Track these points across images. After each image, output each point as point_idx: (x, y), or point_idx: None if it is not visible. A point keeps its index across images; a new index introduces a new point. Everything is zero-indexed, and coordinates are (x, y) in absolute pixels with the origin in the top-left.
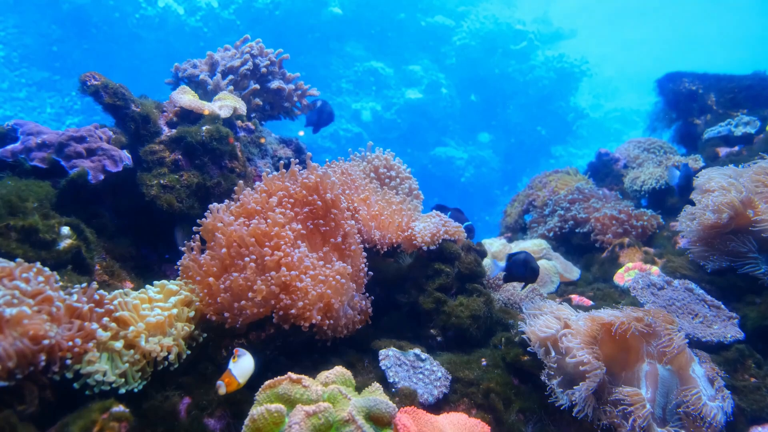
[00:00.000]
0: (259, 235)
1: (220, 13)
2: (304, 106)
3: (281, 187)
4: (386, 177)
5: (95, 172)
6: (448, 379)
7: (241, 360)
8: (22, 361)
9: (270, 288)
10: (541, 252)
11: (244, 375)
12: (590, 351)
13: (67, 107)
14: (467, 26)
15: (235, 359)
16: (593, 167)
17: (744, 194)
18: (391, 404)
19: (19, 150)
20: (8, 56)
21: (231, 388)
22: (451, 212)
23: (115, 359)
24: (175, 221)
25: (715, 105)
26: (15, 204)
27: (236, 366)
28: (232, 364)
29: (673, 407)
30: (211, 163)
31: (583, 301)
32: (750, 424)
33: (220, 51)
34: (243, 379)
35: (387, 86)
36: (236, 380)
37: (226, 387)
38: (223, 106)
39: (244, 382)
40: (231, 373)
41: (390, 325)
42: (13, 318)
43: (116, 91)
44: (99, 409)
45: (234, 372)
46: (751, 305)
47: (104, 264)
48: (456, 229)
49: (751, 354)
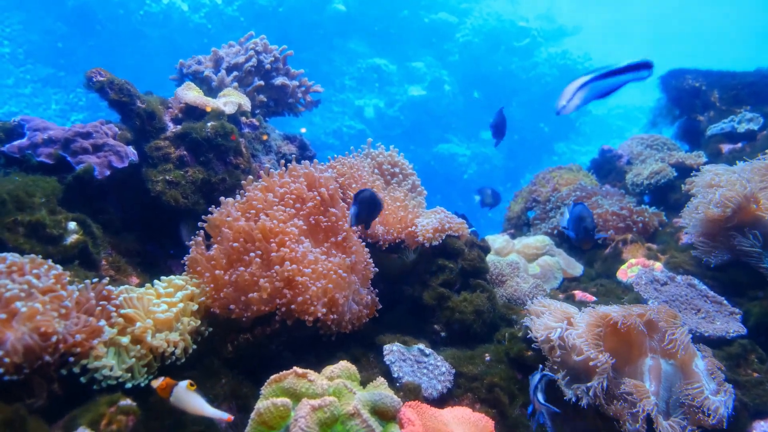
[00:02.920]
0: (264, 230)
1: (224, 9)
2: (308, 102)
3: (281, 184)
4: (390, 173)
5: (101, 168)
6: (452, 373)
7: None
8: (31, 356)
9: (274, 284)
10: (544, 248)
11: (181, 398)
12: (596, 347)
13: (72, 103)
14: (470, 23)
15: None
16: (596, 164)
17: (748, 189)
18: (395, 398)
19: (25, 146)
20: (14, 53)
21: (163, 385)
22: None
23: (122, 354)
24: (180, 217)
25: (718, 101)
26: (22, 199)
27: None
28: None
29: (676, 401)
30: (216, 159)
31: (587, 297)
32: (753, 418)
33: (225, 47)
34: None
35: (390, 83)
36: (173, 382)
37: (161, 383)
38: (228, 102)
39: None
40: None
41: (394, 321)
42: (24, 313)
43: (122, 87)
44: (107, 402)
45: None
46: (754, 300)
47: (110, 259)
48: (459, 225)
49: (753, 349)
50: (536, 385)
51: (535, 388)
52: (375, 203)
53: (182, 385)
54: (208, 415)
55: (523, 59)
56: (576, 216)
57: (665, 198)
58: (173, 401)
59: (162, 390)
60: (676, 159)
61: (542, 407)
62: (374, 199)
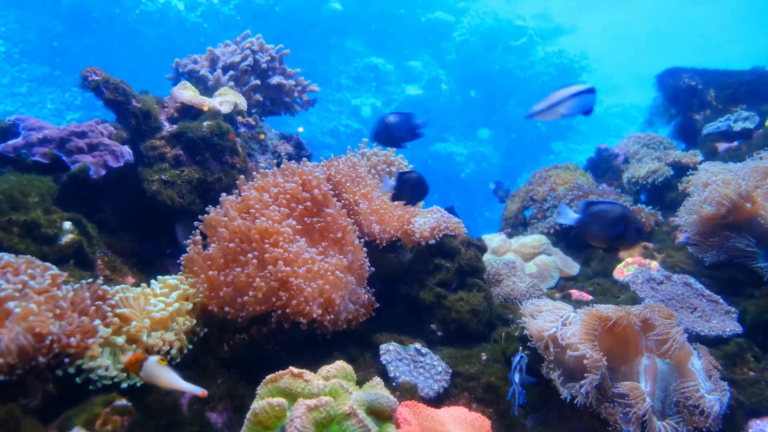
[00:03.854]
0: (259, 231)
1: (221, 8)
2: (305, 101)
3: (275, 184)
4: (386, 173)
5: (97, 168)
6: (449, 373)
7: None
8: (24, 356)
9: (270, 284)
10: (540, 247)
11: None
12: (591, 346)
13: (67, 103)
14: (467, 22)
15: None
16: (593, 162)
17: (743, 187)
18: (392, 398)
19: (20, 145)
20: (9, 51)
21: (132, 360)
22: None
23: (117, 354)
24: (176, 216)
25: (715, 100)
26: (17, 199)
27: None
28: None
29: (673, 400)
30: (212, 158)
31: (583, 296)
32: (749, 417)
33: (221, 47)
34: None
35: (387, 82)
36: (144, 355)
37: (130, 358)
38: (224, 101)
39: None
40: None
41: (391, 320)
42: (19, 314)
43: (117, 86)
44: (102, 402)
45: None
46: (750, 299)
47: (106, 259)
48: (456, 225)
49: (749, 347)
50: (515, 366)
51: (514, 369)
52: (420, 185)
53: (152, 360)
54: (181, 388)
55: (520, 58)
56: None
57: (662, 196)
58: (143, 376)
59: (131, 365)
60: (672, 158)
61: (516, 386)
62: (420, 181)
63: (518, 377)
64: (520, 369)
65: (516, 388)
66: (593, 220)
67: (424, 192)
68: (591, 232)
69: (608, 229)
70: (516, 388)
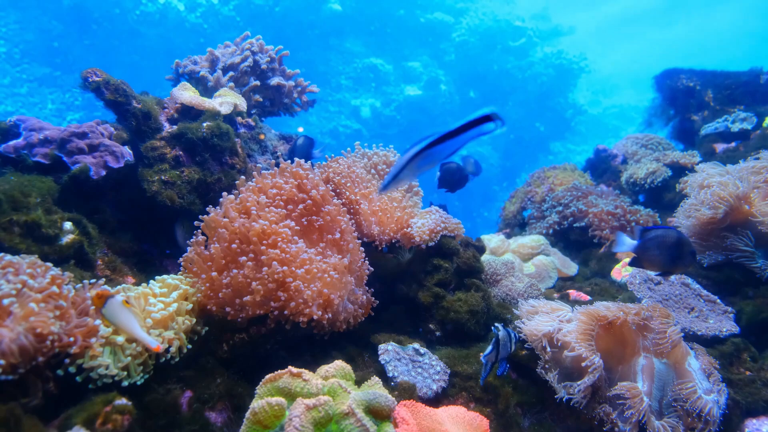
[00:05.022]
0: (258, 232)
1: (220, 9)
2: (304, 102)
3: (272, 185)
4: (386, 173)
5: (97, 168)
6: (447, 373)
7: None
8: (26, 356)
9: (267, 286)
10: (539, 248)
11: (114, 313)
12: (587, 345)
13: (68, 103)
14: (466, 23)
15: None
16: (591, 163)
17: (741, 189)
18: (390, 398)
19: (21, 146)
20: (9, 52)
21: (100, 293)
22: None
23: (117, 353)
24: (176, 217)
25: (713, 101)
26: (18, 199)
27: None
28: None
29: (670, 400)
30: (211, 159)
31: (581, 296)
32: (745, 416)
33: (221, 48)
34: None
35: (386, 83)
36: (109, 293)
37: (98, 292)
38: (224, 102)
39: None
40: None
41: (389, 320)
42: (20, 314)
43: (118, 87)
44: (102, 401)
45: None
46: (747, 299)
47: (106, 259)
48: (455, 226)
49: (746, 347)
50: (493, 342)
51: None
52: (460, 174)
53: (117, 299)
54: (136, 336)
55: (519, 59)
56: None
57: (660, 197)
58: (104, 313)
59: (97, 299)
60: (670, 158)
61: (485, 358)
62: (459, 170)
63: (489, 349)
64: (496, 343)
65: (490, 358)
66: (651, 246)
67: (464, 180)
68: (650, 258)
69: (666, 254)
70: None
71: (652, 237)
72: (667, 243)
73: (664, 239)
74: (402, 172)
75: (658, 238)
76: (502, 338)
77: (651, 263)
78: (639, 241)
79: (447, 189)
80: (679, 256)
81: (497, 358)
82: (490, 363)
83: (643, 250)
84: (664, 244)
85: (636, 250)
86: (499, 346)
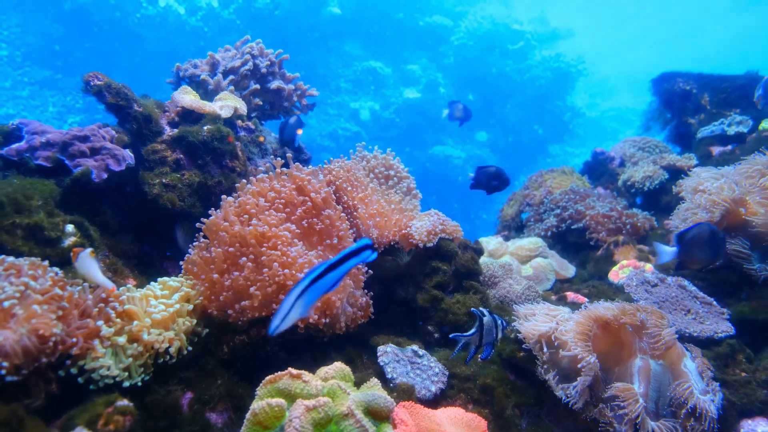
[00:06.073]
0: (258, 235)
1: (221, 12)
2: (304, 105)
3: (271, 188)
4: (384, 176)
5: (99, 171)
6: (446, 374)
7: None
8: (29, 357)
9: (266, 289)
10: (537, 250)
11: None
12: (584, 346)
13: (69, 106)
14: (465, 26)
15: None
16: (589, 166)
17: (737, 193)
18: (389, 399)
19: (23, 149)
20: (11, 55)
21: (75, 251)
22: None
23: (118, 354)
24: (176, 219)
25: (709, 104)
26: (20, 202)
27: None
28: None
29: (666, 401)
30: (212, 162)
31: (578, 299)
32: (740, 417)
33: (221, 51)
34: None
35: (385, 85)
36: (80, 249)
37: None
38: (224, 106)
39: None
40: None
41: (388, 322)
42: (22, 315)
43: (119, 90)
44: (104, 403)
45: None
46: (743, 301)
47: (107, 261)
48: (453, 228)
49: (741, 349)
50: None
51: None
52: (500, 176)
53: (86, 251)
54: (97, 281)
55: (518, 62)
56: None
57: (657, 200)
58: (77, 266)
59: (73, 255)
60: (667, 161)
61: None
62: (499, 173)
63: (472, 330)
64: (480, 326)
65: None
66: (692, 247)
67: (505, 182)
68: (694, 258)
69: (707, 250)
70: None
71: (690, 238)
72: (704, 238)
73: (700, 236)
74: (292, 310)
75: (694, 238)
76: (486, 323)
77: (696, 262)
78: (678, 246)
79: (485, 191)
80: (717, 247)
81: (481, 342)
82: (473, 346)
83: (685, 254)
84: (702, 241)
85: (678, 255)
86: (483, 329)
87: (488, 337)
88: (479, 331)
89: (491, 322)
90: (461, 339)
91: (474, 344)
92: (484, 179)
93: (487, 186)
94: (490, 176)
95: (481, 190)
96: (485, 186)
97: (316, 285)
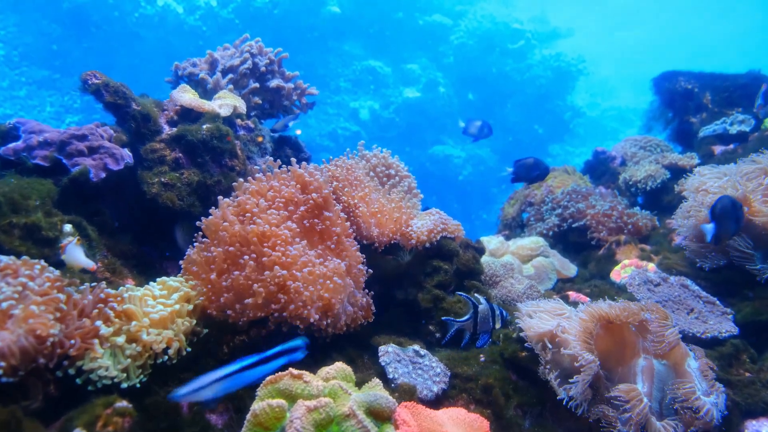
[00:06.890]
0: (258, 234)
1: (219, 12)
2: (303, 104)
3: (272, 187)
4: (385, 175)
5: (97, 171)
6: (447, 374)
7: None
8: (26, 358)
9: (269, 288)
10: (538, 249)
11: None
12: (585, 345)
13: (67, 106)
14: (465, 25)
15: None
16: (590, 165)
17: (740, 191)
18: (391, 399)
19: (21, 148)
20: (8, 55)
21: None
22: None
23: (117, 354)
24: (175, 219)
25: (711, 103)
26: (18, 202)
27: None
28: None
29: (670, 401)
30: (211, 161)
31: (580, 298)
32: (744, 417)
33: (220, 50)
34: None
35: (385, 85)
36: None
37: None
38: (223, 104)
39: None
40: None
41: (389, 322)
42: (20, 316)
43: (117, 89)
44: (103, 404)
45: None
46: (746, 300)
47: (106, 261)
48: (455, 227)
49: (745, 349)
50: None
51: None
52: (539, 166)
53: (73, 241)
54: (80, 264)
55: (518, 61)
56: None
57: (659, 199)
58: (66, 257)
59: (62, 248)
60: (669, 161)
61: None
62: (538, 163)
63: (466, 317)
64: (474, 313)
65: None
66: (722, 219)
67: (545, 171)
68: (725, 229)
69: (732, 218)
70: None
71: (719, 211)
72: (728, 209)
73: (725, 208)
74: (206, 387)
75: (722, 210)
76: (482, 311)
77: (726, 232)
78: (714, 222)
79: (526, 182)
80: (739, 215)
81: (476, 329)
82: (468, 332)
83: (719, 227)
84: (727, 212)
85: (715, 230)
86: (477, 317)
87: (484, 326)
88: (473, 318)
89: (487, 310)
90: (454, 324)
91: (468, 331)
92: (524, 172)
93: (527, 177)
94: (530, 167)
95: (522, 182)
96: (526, 177)
97: (242, 374)
